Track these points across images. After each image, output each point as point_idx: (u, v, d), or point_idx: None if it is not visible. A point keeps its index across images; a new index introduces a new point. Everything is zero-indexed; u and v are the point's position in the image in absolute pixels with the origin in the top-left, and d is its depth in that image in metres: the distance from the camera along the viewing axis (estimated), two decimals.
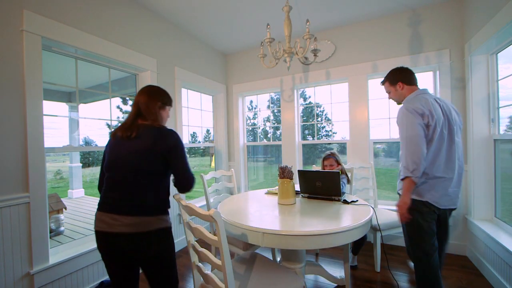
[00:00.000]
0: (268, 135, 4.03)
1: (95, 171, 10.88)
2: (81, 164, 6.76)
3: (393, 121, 2.92)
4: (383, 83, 1.83)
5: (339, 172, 1.89)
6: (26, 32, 1.66)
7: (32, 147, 1.68)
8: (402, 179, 1.46)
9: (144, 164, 1.18)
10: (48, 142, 1.78)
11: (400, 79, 1.68)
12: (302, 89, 3.67)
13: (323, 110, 3.58)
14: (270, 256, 2.47)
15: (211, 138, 4.07)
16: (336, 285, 2.08)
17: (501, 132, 2.24)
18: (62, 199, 4.10)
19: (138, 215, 1.14)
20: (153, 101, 1.35)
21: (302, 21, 2.87)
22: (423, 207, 1.48)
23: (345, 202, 1.85)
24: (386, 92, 1.82)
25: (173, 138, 1.25)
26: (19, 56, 1.64)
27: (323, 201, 1.91)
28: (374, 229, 2.21)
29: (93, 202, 6.07)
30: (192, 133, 3.95)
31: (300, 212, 1.65)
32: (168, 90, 2.82)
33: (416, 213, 1.48)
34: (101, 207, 1.18)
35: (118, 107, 7.50)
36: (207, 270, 1.27)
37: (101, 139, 7.77)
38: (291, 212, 1.65)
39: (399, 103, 1.78)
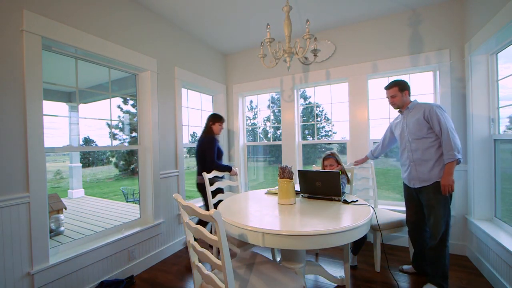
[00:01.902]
0: (268, 135, 4.03)
1: (95, 171, 10.89)
2: (81, 164, 6.77)
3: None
4: (389, 87, 2.11)
5: (339, 172, 1.89)
6: (26, 32, 1.66)
7: (32, 147, 1.68)
8: (452, 162, 1.80)
9: (199, 153, 2.69)
10: (48, 142, 1.78)
11: (407, 89, 2.07)
12: (302, 89, 3.67)
13: (323, 110, 3.58)
14: (270, 256, 2.47)
15: None
16: (336, 285, 2.08)
17: (501, 132, 2.24)
18: (62, 199, 4.11)
19: (198, 176, 2.72)
20: (208, 122, 2.78)
21: (302, 21, 2.87)
22: None
23: (345, 202, 1.85)
24: (391, 96, 2.10)
25: (207, 141, 2.67)
26: (19, 56, 1.64)
27: (323, 201, 1.91)
28: (374, 229, 2.21)
29: (93, 202, 6.08)
30: (192, 133, 3.95)
31: (300, 212, 1.65)
32: (168, 90, 2.85)
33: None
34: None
35: (118, 106, 7.51)
36: (207, 270, 1.27)
37: (101, 139, 7.78)
38: (291, 212, 1.65)
39: (397, 107, 2.13)
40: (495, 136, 2.24)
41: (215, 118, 2.75)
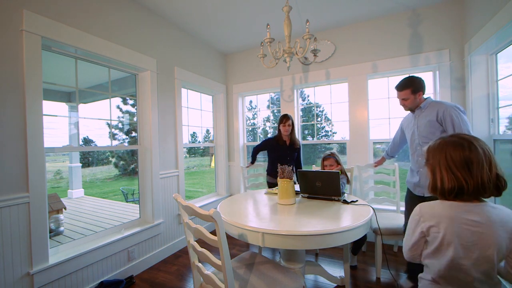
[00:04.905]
0: (268, 135, 4.03)
1: (95, 171, 10.89)
2: (80, 164, 6.76)
3: (393, 121, 2.93)
4: (401, 89, 1.87)
5: (339, 172, 1.89)
6: (26, 32, 1.66)
7: (32, 147, 1.67)
8: None
9: None
10: (48, 142, 1.78)
11: (421, 90, 1.82)
12: (302, 89, 3.67)
13: (323, 110, 3.58)
14: (271, 254, 2.47)
15: (211, 138, 4.07)
16: (336, 285, 2.08)
17: (501, 132, 2.24)
18: (62, 199, 4.11)
19: None
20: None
21: (302, 21, 2.87)
22: None
23: (345, 202, 1.85)
24: (403, 98, 1.87)
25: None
26: (19, 56, 1.64)
27: (323, 201, 1.91)
28: (375, 232, 2.16)
29: (93, 202, 6.08)
30: (192, 133, 3.95)
31: (300, 212, 1.65)
32: (168, 90, 2.85)
33: None
34: None
35: (118, 107, 7.51)
36: (207, 270, 1.27)
37: (101, 139, 7.78)
38: (291, 212, 1.66)
39: (409, 109, 1.92)
40: (495, 136, 2.24)
41: (279, 120, 2.76)
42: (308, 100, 4.03)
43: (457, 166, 0.89)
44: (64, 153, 7.86)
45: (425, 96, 1.90)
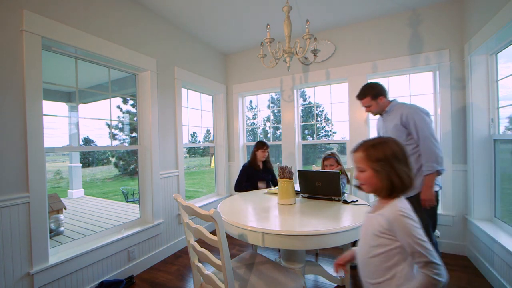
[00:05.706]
0: (268, 135, 4.03)
1: (95, 171, 10.88)
2: (80, 164, 6.76)
3: None
4: (361, 98, 1.96)
5: (339, 172, 1.90)
6: (26, 32, 1.66)
7: (32, 147, 1.67)
8: (431, 174, 1.64)
9: None
10: (48, 142, 1.78)
11: (382, 94, 1.90)
12: (302, 89, 3.67)
13: (323, 110, 3.58)
14: (275, 254, 2.46)
15: (211, 138, 4.07)
16: (336, 285, 2.08)
17: (501, 132, 2.24)
18: (62, 199, 4.11)
19: None
20: (253, 149, 2.85)
21: (302, 21, 2.87)
22: (437, 195, 1.76)
23: (345, 202, 1.85)
24: (365, 106, 1.97)
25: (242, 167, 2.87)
26: (19, 56, 1.64)
27: (323, 201, 1.91)
28: None
29: (93, 202, 6.07)
30: (192, 133, 3.95)
31: (300, 212, 1.65)
32: (168, 90, 2.85)
33: (437, 201, 1.75)
34: None
35: (118, 107, 7.51)
36: (207, 270, 1.27)
37: (101, 139, 7.78)
38: (291, 212, 1.66)
39: (376, 114, 2.00)
40: (495, 136, 2.24)
41: (257, 145, 2.80)
42: (309, 100, 4.03)
43: (404, 161, 0.91)
44: (64, 153, 7.86)
45: (397, 98, 1.99)
